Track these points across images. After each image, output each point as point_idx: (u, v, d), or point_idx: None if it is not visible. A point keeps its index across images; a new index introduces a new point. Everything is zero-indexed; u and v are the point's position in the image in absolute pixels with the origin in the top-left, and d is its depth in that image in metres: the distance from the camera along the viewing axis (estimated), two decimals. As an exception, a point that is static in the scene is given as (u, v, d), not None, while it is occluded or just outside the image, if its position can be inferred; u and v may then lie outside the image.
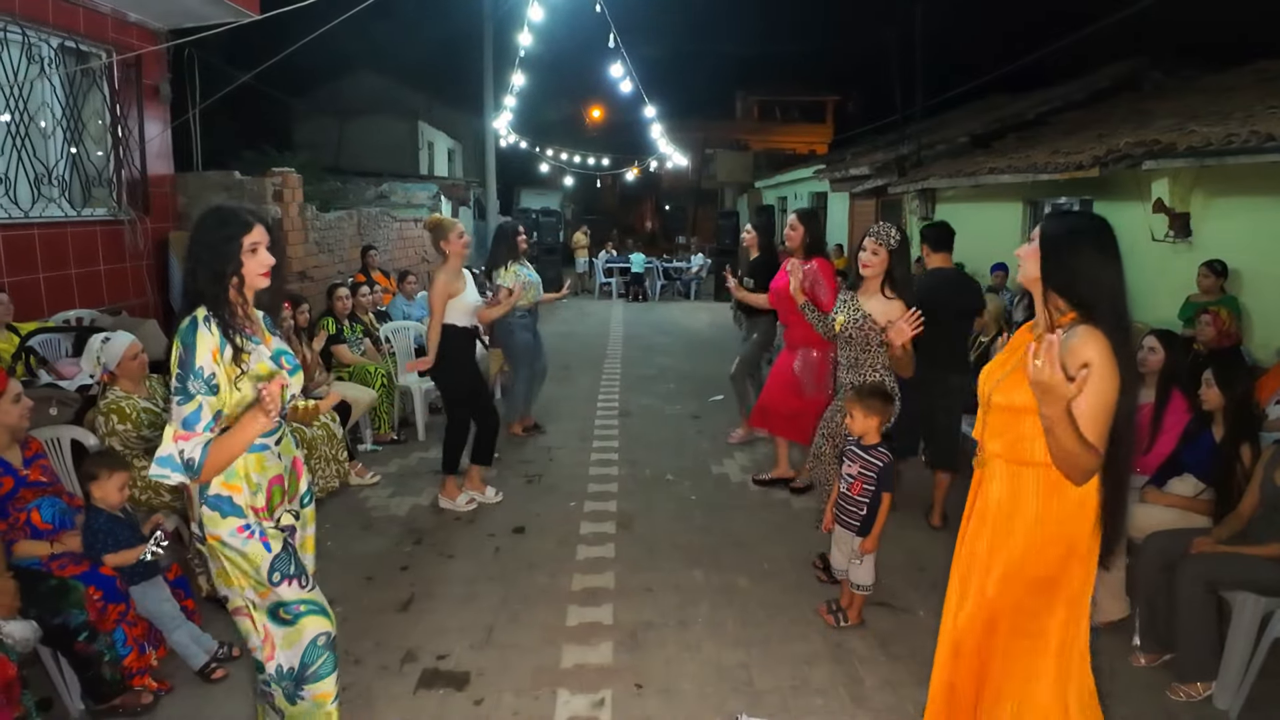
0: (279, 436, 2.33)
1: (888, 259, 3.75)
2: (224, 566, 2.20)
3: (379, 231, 10.48)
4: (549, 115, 26.07)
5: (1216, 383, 3.23)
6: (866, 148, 15.98)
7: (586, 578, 3.95)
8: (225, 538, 2.17)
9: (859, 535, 3.39)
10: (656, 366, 9.48)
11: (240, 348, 2.17)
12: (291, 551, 2.29)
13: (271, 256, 2.24)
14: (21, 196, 5.48)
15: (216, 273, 2.16)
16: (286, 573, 2.24)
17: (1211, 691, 2.92)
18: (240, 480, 2.19)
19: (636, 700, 2.98)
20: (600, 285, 17.85)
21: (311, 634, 2.27)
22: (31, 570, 2.77)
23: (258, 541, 2.20)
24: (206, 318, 2.14)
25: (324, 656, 2.29)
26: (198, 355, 2.09)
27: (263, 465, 2.25)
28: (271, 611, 2.24)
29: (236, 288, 2.21)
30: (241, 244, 2.18)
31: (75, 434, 3.51)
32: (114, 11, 6.18)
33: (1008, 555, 2.07)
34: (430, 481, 5.25)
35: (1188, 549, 3.01)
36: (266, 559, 2.20)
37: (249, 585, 2.21)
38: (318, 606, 2.30)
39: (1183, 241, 5.84)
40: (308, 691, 2.29)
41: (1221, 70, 9.15)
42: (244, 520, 2.19)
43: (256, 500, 2.22)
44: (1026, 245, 2.06)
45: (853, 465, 3.42)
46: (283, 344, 2.39)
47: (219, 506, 2.17)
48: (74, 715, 2.81)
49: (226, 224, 2.19)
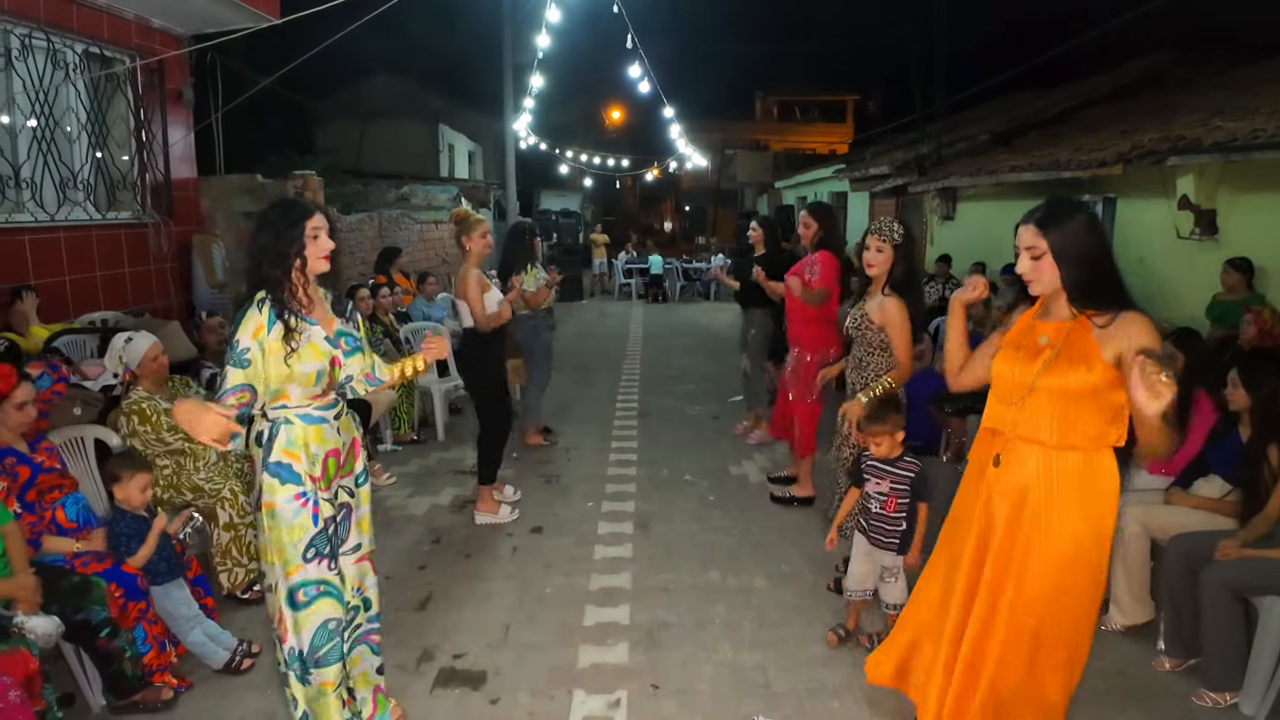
0: (338, 412, 2.48)
1: (892, 255, 3.58)
2: (268, 539, 2.33)
3: (400, 234, 10.55)
4: (568, 116, 26.10)
5: (1243, 383, 3.17)
6: (887, 147, 15.87)
7: (604, 578, 3.95)
8: (280, 505, 2.31)
9: (899, 553, 3.16)
10: (676, 367, 9.47)
11: (292, 328, 2.31)
12: (333, 532, 2.43)
13: (331, 242, 2.43)
14: (48, 200, 5.57)
15: (281, 254, 2.33)
16: (321, 551, 2.37)
17: (1239, 699, 2.86)
18: (300, 449, 2.34)
19: (652, 701, 2.97)
20: (620, 286, 17.86)
21: (322, 618, 2.37)
22: (54, 567, 2.81)
23: (309, 512, 2.33)
24: (261, 300, 2.32)
25: (332, 642, 2.39)
26: (239, 331, 2.27)
27: (321, 437, 2.39)
28: (290, 594, 2.34)
29: (299, 269, 2.37)
30: (305, 228, 2.36)
31: (99, 433, 3.56)
32: (137, 17, 6.27)
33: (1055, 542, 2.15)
34: (450, 481, 5.28)
35: (1213, 553, 2.95)
36: (309, 533, 2.34)
37: (280, 562, 2.33)
38: (335, 590, 2.41)
39: (1209, 239, 5.75)
40: (314, 677, 2.38)
41: (1248, 63, 9.00)
42: (301, 488, 2.33)
43: (314, 469, 2.36)
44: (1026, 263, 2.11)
45: (881, 482, 3.17)
46: (346, 326, 2.53)
47: (278, 473, 2.31)
48: (95, 710, 2.85)
49: (290, 210, 2.39)
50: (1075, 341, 2.09)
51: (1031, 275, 2.10)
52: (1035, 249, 2.08)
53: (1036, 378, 2.12)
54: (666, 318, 14.45)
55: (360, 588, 2.61)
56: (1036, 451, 2.17)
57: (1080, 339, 2.08)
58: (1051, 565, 2.16)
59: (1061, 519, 2.14)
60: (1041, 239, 2.06)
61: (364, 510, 2.60)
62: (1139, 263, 6.45)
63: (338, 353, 2.45)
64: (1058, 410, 2.12)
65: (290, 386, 2.34)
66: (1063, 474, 2.13)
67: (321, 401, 2.42)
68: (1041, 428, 2.15)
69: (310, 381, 2.36)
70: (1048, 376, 2.11)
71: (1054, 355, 2.10)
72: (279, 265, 2.33)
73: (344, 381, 2.54)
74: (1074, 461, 2.12)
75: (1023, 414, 2.17)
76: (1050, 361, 2.10)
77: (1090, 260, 2.03)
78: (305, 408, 2.38)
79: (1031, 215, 2.13)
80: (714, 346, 11.01)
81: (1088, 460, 2.11)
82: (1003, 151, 9.80)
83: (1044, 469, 2.15)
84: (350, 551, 2.55)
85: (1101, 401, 2.07)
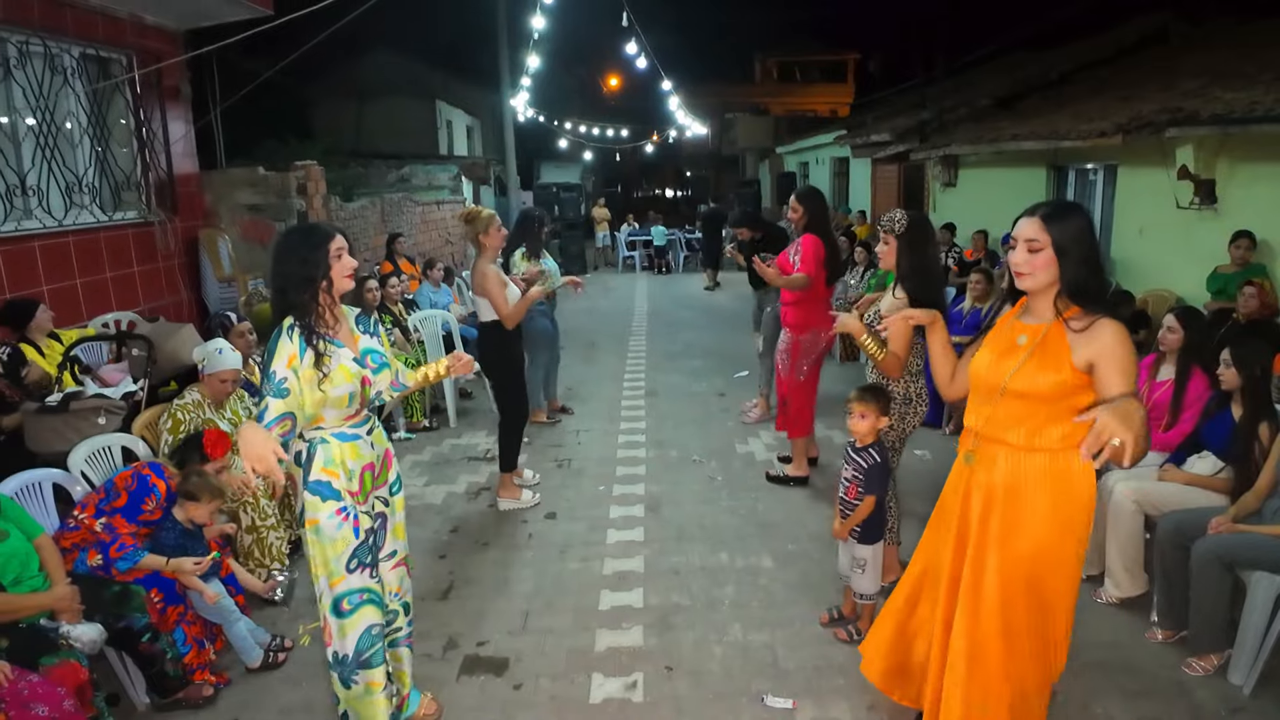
0: (370, 427, 2.57)
1: (896, 246, 3.43)
2: (313, 554, 2.43)
3: (402, 217, 10.58)
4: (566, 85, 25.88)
5: (1234, 362, 3.24)
6: (888, 111, 15.76)
7: (617, 562, 4.08)
8: (323, 522, 2.39)
9: (860, 542, 3.26)
10: (681, 342, 9.53)
11: (321, 353, 2.37)
12: (372, 542, 2.52)
13: (353, 260, 2.47)
14: (54, 205, 5.63)
15: (308, 279, 2.37)
16: (363, 561, 2.47)
17: (1226, 663, 2.99)
18: (338, 467, 2.43)
19: (667, 682, 3.11)
20: (623, 259, 17.88)
21: (366, 623, 2.48)
22: (93, 577, 2.94)
23: (350, 526, 2.42)
24: (291, 326, 2.36)
25: (376, 646, 2.50)
26: (274, 361, 2.33)
27: (357, 453, 2.49)
28: (335, 604, 2.44)
29: (326, 290, 2.41)
30: (329, 250, 2.40)
31: (125, 441, 3.68)
32: (131, 16, 6.27)
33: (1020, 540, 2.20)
34: (464, 469, 5.41)
35: (1205, 529, 3.05)
36: (351, 545, 2.42)
37: (324, 574, 2.42)
38: (376, 596, 2.51)
39: (1208, 208, 5.77)
40: (360, 678, 2.50)
41: (1250, 22, 8.91)
42: (341, 503, 2.41)
43: (352, 485, 2.45)
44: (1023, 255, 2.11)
45: (848, 468, 3.31)
46: (373, 342, 2.59)
47: (319, 491, 2.40)
48: (140, 709, 3.00)
49: (311, 235, 2.43)
50: (1050, 343, 2.11)
51: (1026, 269, 2.11)
52: (1036, 242, 2.08)
53: (1008, 380, 2.16)
54: (670, 290, 14.49)
55: (399, 592, 2.73)
56: (1005, 452, 2.21)
57: (1055, 341, 2.11)
58: (1020, 564, 2.21)
59: (1031, 519, 2.19)
60: (1045, 233, 2.07)
61: (399, 517, 2.71)
62: (1139, 234, 6.47)
63: (366, 372, 2.51)
64: (1027, 412, 2.15)
65: (325, 410, 2.42)
66: (1031, 475, 2.17)
67: (355, 420, 2.51)
68: (1010, 429, 2.19)
69: (344, 404, 2.44)
70: (1018, 379, 2.14)
71: (1027, 356, 2.13)
72: (306, 290, 2.37)
73: (374, 397, 2.62)
74: (1041, 462, 2.16)
75: (995, 414, 2.22)
76: (1023, 364, 2.14)
77: (1086, 260, 2.07)
78: (340, 427, 2.47)
79: (1036, 209, 2.14)
80: (718, 320, 11.07)
81: (1056, 461, 2.15)
82: (1004, 117, 9.76)
83: (1012, 470, 2.20)
84: (387, 558, 2.67)
85: (1071, 404, 2.10)
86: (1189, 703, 2.89)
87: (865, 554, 3.26)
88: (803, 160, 21.03)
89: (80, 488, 3.35)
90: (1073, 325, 2.08)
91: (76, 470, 3.41)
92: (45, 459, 3.57)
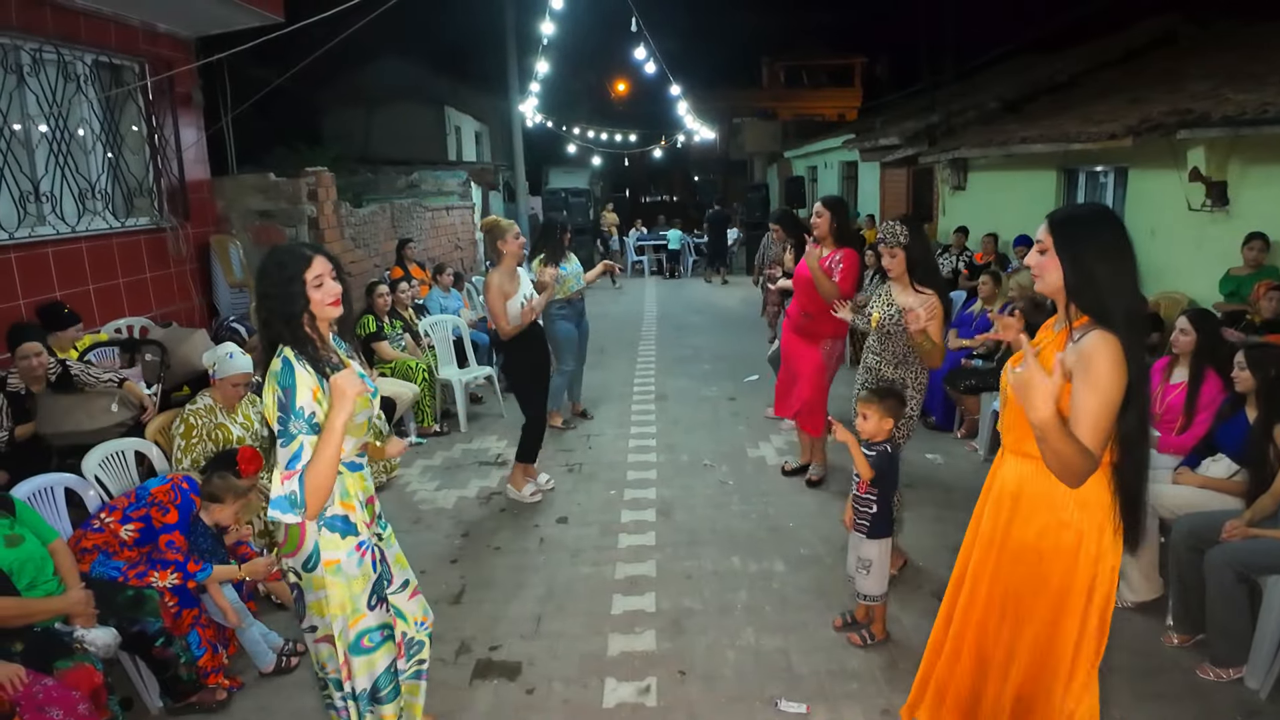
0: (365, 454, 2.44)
1: (904, 257, 3.73)
2: (326, 595, 2.23)
3: (411, 223, 10.62)
4: (574, 90, 25.93)
5: (1249, 365, 3.22)
6: (896, 114, 15.73)
7: (629, 566, 4.08)
8: (344, 560, 2.23)
9: (869, 538, 3.24)
10: (691, 347, 9.54)
11: None
12: (383, 572, 2.41)
13: (338, 284, 2.26)
14: (68, 212, 5.67)
15: (287, 314, 2.18)
16: (381, 595, 2.35)
17: (1243, 673, 2.96)
18: (353, 499, 2.29)
19: (680, 687, 3.11)
20: (632, 263, 17.90)
21: (387, 660, 2.36)
22: (108, 581, 2.96)
23: (369, 560, 2.29)
24: (297, 356, 2.17)
25: (393, 683, 2.39)
26: (298, 396, 2.12)
27: (363, 483, 2.36)
28: (355, 643, 2.28)
29: (309, 324, 2.24)
30: (305, 280, 2.19)
31: (139, 446, 3.70)
32: (143, 24, 6.32)
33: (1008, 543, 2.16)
34: (475, 473, 5.41)
35: (1219, 532, 3.02)
36: (372, 579, 2.29)
37: (342, 614, 2.25)
38: (391, 632, 2.39)
39: (1220, 210, 5.73)
40: (375, 711, 2.38)
41: (1258, 25, 8.87)
42: (359, 537, 2.27)
43: (365, 516, 2.33)
44: (1034, 257, 2.09)
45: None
46: (360, 368, 2.44)
47: (337, 527, 2.24)
48: (154, 713, 3.02)
49: (285, 266, 2.20)
50: (1050, 350, 2.07)
51: (1037, 270, 2.09)
52: (1042, 244, 2.09)
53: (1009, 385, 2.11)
54: (680, 294, 14.50)
55: (424, 621, 2.62)
56: (1010, 459, 2.19)
57: (1056, 348, 2.06)
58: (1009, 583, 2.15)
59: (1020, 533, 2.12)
60: (1048, 235, 2.04)
61: (395, 547, 2.57)
62: (1150, 236, 6.44)
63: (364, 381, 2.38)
64: (1021, 417, 2.08)
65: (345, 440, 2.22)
66: (1024, 485, 2.11)
67: (360, 449, 2.36)
68: (1009, 431, 2.18)
69: (362, 431, 2.31)
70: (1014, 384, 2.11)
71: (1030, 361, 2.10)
72: (289, 325, 2.19)
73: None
74: (1030, 470, 2.09)
75: (1004, 417, 2.21)
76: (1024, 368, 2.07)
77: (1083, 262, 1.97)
78: (351, 457, 2.31)
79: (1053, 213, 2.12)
80: (728, 325, 11.07)
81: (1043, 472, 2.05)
82: (1013, 120, 9.73)
83: (1014, 478, 2.15)
84: (401, 589, 2.55)
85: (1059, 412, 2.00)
86: (1205, 706, 2.87)
87: (871, 553, 3.24)
88: (811, 164, 20.98)
89: (94, 493, 3.37)
90: (1074, 334, 2.03)
91: (90, 475, 3.43)
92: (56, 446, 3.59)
